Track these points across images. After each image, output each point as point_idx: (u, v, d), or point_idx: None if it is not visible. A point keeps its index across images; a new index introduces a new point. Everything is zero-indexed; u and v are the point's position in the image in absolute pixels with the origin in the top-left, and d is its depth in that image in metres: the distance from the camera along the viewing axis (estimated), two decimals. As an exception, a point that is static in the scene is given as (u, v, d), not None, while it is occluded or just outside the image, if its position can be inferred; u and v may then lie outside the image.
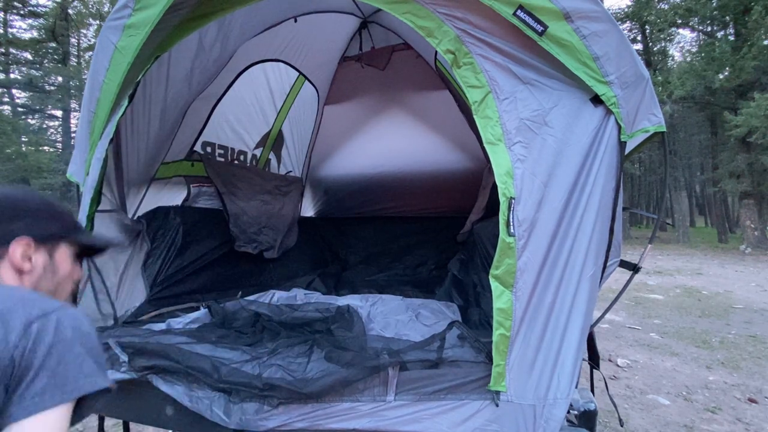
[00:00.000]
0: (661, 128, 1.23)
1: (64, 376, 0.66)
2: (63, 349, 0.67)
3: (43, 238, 0.85)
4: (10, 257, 0.81)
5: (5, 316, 0.66)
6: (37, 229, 0.85)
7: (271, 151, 3.47)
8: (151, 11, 1.43)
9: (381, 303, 2.10)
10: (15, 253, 0.81)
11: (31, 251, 0.83)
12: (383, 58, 3.39)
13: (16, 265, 0.81)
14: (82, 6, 18.08)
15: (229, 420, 1.24)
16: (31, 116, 19.15)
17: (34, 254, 0.83)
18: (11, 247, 0.81)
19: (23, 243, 0.82)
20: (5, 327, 0.64)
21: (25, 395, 0.64)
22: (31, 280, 0.83)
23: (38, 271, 0.84)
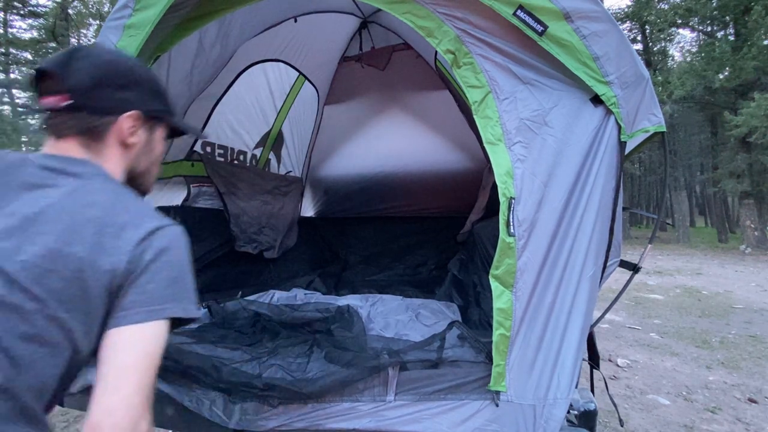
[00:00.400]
0: (661, 128, 1.23)
1: (152, 296, 0.67)
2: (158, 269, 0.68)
3: (149, 114, 0.82)
4: (119, 129, 0.78)
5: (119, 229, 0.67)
6: (145, 104, 0.82)
7: (271, 151, 3.47)
8: (152, 11, 1.43)
9: (381, 303, 2.10)
10: (125, 125, 0.78)
11: (138, 126, 0.80)
12: (383, 58, 3.39)
13: (123, 138, 0.78)
14: (82, 6, 18.09)
15: (229, 420, 1.24)
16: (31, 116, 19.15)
17: (140, 129, 0.81)
18: (123, 119, 0.78)
19: (134, 117, 0.79)
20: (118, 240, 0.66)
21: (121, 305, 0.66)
22: (131, 156, 0.81)
23: (139, 147, 0.82)
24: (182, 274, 0.71)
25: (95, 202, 0.68)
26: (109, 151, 0.78)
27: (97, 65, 0.76)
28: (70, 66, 0.74)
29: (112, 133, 0.78)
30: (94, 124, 0.76)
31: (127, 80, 0.80)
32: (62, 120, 0.75)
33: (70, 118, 0.74)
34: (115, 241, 0.66)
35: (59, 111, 0.74)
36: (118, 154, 0.79)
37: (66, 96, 0.73)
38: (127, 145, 0.80)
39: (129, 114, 0.78)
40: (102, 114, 0.76)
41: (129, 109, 0.78)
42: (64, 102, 0.73)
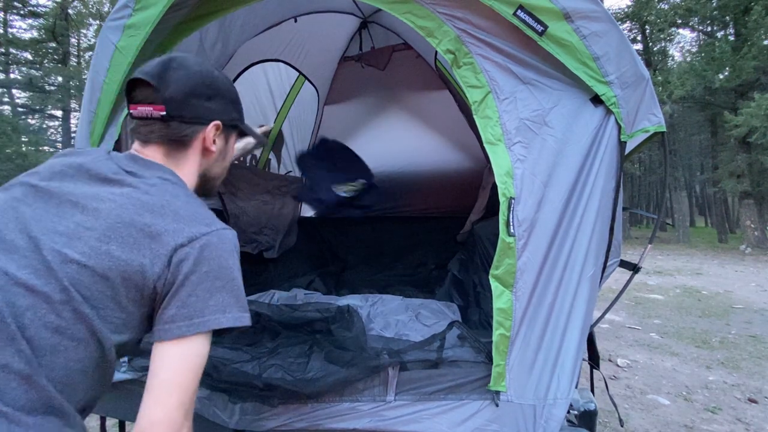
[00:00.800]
0: (661, 128, 1.24)
1: (194, 309, 0.68)
2: (198, 280, 0.69)
3: (227, 123, 0.88)
4: (204, 137, 0.84)
5: (159, 233, 0.68)
6: (227, 113, 0.87)
7: (271, 151, 3.47)
8: (152, 11, 1.43)
9: (381, 303, 2.10)
10: (210, 134, 0.84)
11: (218, 134, 0.86)
12: (383, 58, 3.39)
13: (207, 146, 0.84)
14: (82, 6, 18.09)
15: (229, 420, 1.24)
16: (31, 116, 19.15)
17: (218, 137, 0.87)
18: (209, 129, 0.84)
19: (216, 126, 0.84)
20: (155, 243, 0.67)
21: (164, 318, 0.68)
22: (209, 162, 0.87)
23: (216, 154, 0.88)
24: (226, 282, 0.72)
25: (148, 204, 0.70)
26: (190, 158, 0.84)
27: (189, 77, 0.81)
28: (165, 77, 0.78)
29: (197, 140, 0.83)
30: (183, 134, 0.81)
31: (213, 91, 0.85)
32: (153, 128, 0.79)
33: (162, 127, 0.79)
34: (152, 243, 0.67)
35: (151, 119, 0.78)
36: (197, 161, 0.85)
37: (161, 107, 0.77)
38: (207, 152, 0.86)
39: (215, 123, 0.84)
40: (191, 123, 0.81)
41: (214, 118, 0.84)
42: (160, 112, 0.78)
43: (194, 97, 0.81)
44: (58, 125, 20.09)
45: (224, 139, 0.89)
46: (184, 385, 0.68)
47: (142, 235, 0.67)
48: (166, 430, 0.65)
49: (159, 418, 0.65)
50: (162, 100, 0.77)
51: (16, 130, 14.10)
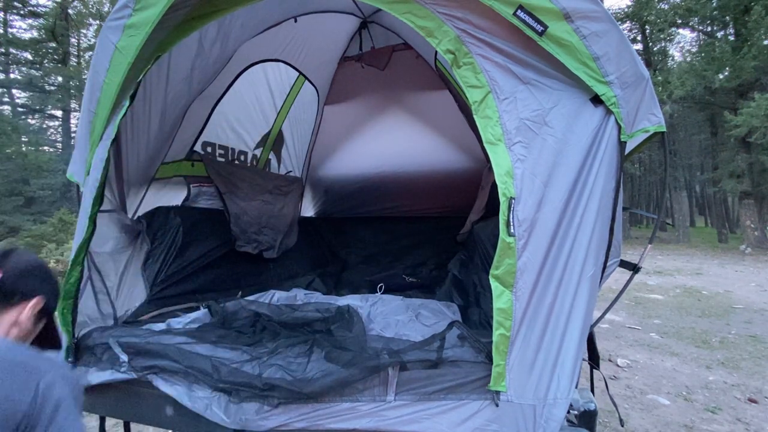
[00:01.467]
0: (661, 128, 1.23)
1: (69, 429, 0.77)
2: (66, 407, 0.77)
3: (45, 307, 0.96)
4: (24, 311, 0.91)
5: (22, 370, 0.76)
6: (50, 299, 0.97)
7: (271, 151, 3.47)
8: (152, 11, 1.43)
9: (381, 303, 2.10)
10: (29, 308, 0.91)
11: (34, 313, 0.93)
12: (383, 58, 3.39)
13: (22, 319, 0.91)
14: (82, 6, 18.08)
15: (229, 420, 1.24)
16: (31, 116, 19.13)
17: (33, 317, 0.93)
18: (32, 303, 0.92)
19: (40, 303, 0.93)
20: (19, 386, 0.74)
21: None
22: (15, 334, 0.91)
23: (24, 331, 0.92)
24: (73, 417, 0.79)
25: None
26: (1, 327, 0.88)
27: (29, 259, 0.96)
28: (7, 255, 0.93)
29: (13, 311, 0.90)
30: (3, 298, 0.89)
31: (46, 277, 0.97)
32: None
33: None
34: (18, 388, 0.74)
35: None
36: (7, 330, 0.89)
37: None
38: (17, 324, 0.90)
39: (39, 297, 0.93)
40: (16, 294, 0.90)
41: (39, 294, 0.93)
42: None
43: (29, 274, 0.94)
44: (58, 125, 20.07)
45: (35, 322, 0.94)
46: None
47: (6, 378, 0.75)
48: None
49: None
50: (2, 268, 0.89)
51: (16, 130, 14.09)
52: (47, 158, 14.89)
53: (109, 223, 1.86)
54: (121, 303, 1.89)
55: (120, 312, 1.85)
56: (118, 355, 1.38)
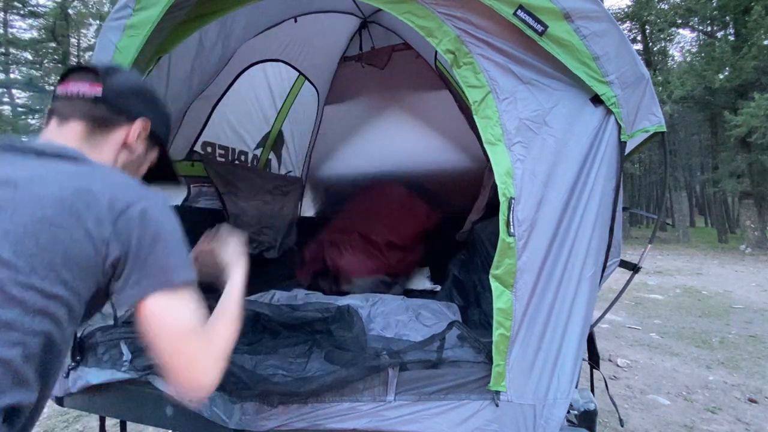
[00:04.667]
0: (661, 128, 1.23)
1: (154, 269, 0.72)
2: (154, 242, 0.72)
3: (154, 134, 0.90)
4: (131, 130, 0.84)
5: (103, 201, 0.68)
6: (157, 125, 0.90)
7: (272, 151, 3.47)
8: (152, 11, 1.43)
9: (381, 303, 2.09)
10: (136, 129, 0.85)
11: (143, 137, 0.87)
12: (383, 58, 3.39)
13: (129, 140, 0.84)
14: (82, 6, 18.09)
15: (229, 420, 1.24)
16: (31, 116, 19.14)
17: (142, 141, 0.87)
18: (138, 122, 0.85)
19: (146, 125, 0.86)
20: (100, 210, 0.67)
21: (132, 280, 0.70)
22: (124, 159, 0.86)
23: (134, 155, 0.87)
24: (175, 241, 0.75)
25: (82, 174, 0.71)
26: (108, 147, 0.82)
27: (134, 80, 0.89)
28: (111, 71, 0.84)
29: (119, 131, 0.83)
30: (108, 117, 0.82)
31: (152, 101, 0.90)
32: (78, 106, 0.79)
33: (90, 107, 0.80)
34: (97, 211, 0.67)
35: (79, 98, 0.79)
36: (114, 152, 0.83)
37: (99, 87, 0.80)
38: (127, 147, 0.85)
39: (144, 119, 0.85)
40: (120, 113, 0.83)
41: (145, 116, 0.86)
42: (94, 92, 0.79)
43: (132, 94, 0.86)
44: (58, 125, 20.07)
45: (145, 147, 0.89)
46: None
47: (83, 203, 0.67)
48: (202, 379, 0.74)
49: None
50: (103, 83, 0.80)
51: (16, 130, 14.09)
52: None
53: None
54: (121, 303, 1.88)
55: (120, 312, 1.85)
56: (120, 354, 1.38)
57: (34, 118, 19.40)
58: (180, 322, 0.73)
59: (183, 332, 0.73)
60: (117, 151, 0.83)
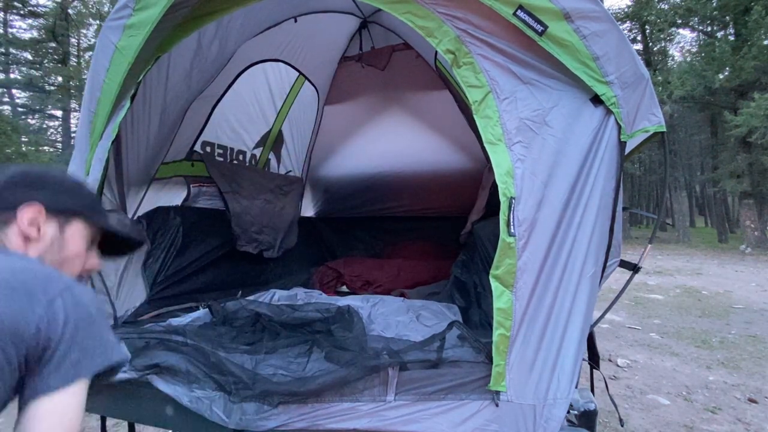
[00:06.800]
0: (661, 128, 1.23)
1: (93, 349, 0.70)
2: (89, 324, 0.70)
3: (56, 210, 0.83)
4: (18, 221, 0.80)
5: (29, 288, 0.66)
6: (52, 201, 0.83)
7: (271, 151, 3.47)
8: (152, 11, 1.43)
9: (382, 304, 2.10)
10: (23, 218, 0.79)
11: (41, 219, 0.81)
12: (383, 58, 3.39)
13: (23, 231, 0.80)
14: (82, 6, 18.08)
15: (229, 420, 1.24)
16: (31, 116, 19.14)
17: (44, 224, 0.82)
18: (21, 211, 0.80)
19: (34, 209, 0.80)
20: (30, 298, 0.65)
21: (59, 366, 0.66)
22: (37, 249, 0.81)
23: (45, 242, 0.82)
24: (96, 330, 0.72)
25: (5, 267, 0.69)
26: (13, 243, 0.80)
27: (11, 172, 0.83)
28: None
29: (13, 226, 0.80)
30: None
31: (34, 182, 0.84)
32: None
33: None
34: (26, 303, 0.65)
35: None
36: (24, 248, 0.80)
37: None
38: (28, 239, 0.81)
39: (28, 205, 0.80)
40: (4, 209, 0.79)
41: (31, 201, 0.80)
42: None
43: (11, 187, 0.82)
44: (58, 125, 20.08)
45: (57, 227, 0.83)
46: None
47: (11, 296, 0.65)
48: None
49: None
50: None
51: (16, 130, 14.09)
52: (47, 158, 14.90)
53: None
54: (121, 303, 1.89)
55: (120, 312, 1.85)
56: (119, 355, 1.38)
57: (34, 118, 19.39)
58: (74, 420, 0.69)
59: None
60: (24, 245, 0.80)
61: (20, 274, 0.69)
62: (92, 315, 0.71)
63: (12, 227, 0.80)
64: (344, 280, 3.16)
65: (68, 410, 0.67)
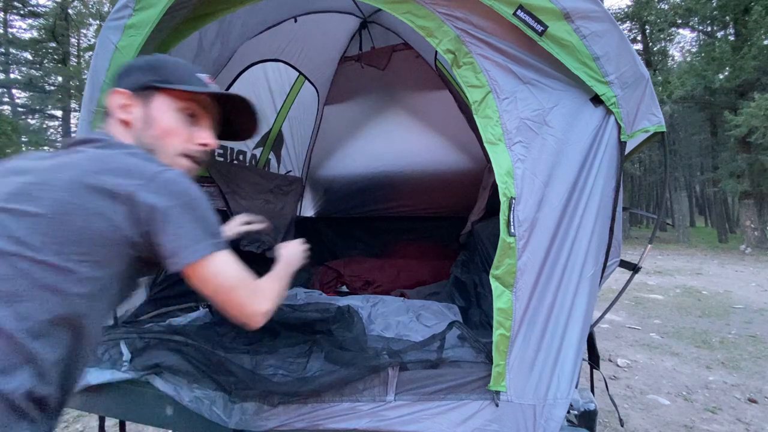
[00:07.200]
0: (662, 128, 1.23)
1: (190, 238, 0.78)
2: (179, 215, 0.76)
3: (139, 89, 0.88)
4: (108, 106, 0.87)
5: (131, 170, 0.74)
6: (134, 82, 0.88)
7: (271, 151, 3.47)
8: (152, 11, 1.43)
9: (382, 304, 2.10)
10: (112, 105, 0.87)
11: (126, 101, 0.87)
12: (383, 58, 3.39)
13: (117, 117, 0.87)
14: (82, 6, 18.08)
15: (229, 420, 1.24)
16: (31, 116, 19.14)
17: (133, 106, 0.87)
18: (110, 99, 0.87)
19: (119, 94, 0.87)
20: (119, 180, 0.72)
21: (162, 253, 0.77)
22: (133, 132, 0.87)
23: (137, 123, 0.87)
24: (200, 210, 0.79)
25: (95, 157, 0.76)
26: (114, 129, 0.87)
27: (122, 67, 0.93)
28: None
29: (110, 111, 0.88)
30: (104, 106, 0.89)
31: (127, 70, 0.91)
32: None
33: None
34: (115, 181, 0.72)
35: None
36: (121, 131, 0.87)
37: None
38: (123, 122, 0.87)
39: (112, 90, 0.88)
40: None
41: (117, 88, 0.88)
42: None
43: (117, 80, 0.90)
44: (58, 125, 20.08)
45: (142, 106, 0.88)
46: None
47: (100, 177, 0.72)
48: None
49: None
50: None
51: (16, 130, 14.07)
52: (47, 158, 14.86)
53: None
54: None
55: (120, 312, 1.85)
56: (120, 354, 1.38)
57: (34, 118, 19.39)
58: (227, 278, 0.82)
59: (232, 286, 0.82)
60: (122, 128, 0.87)
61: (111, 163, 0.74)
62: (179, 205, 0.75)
63: (111, 113, 0.88)
64: (344, 280, 3.16)
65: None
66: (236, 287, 0.82)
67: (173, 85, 0.89)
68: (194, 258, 0.77)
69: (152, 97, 0.88)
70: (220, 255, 0.81)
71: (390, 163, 3.95)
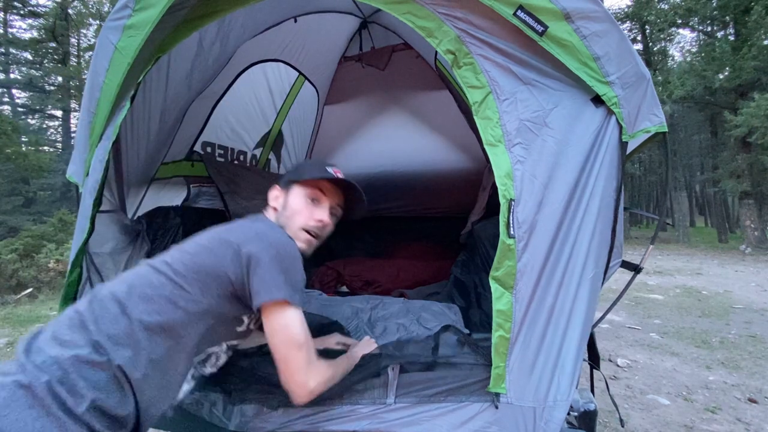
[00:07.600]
0: (663, 128, 1.23)
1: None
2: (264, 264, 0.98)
3: (283, 185, 1.28)
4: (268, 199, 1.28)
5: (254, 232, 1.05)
6: (283, 181, 1.28)
7: (271, 151, 3.46)
8: (152, 12, 1.43)
9: (382, 306, 2.09)
10: (269, 197, 1.28)
11: (277, 193, 1.27)
12: (383, 58, 3.38)
13: (270, 204, 1.27)
14: (82, 6, 18.06)
15: (229, 422, 1.24)
16: (31, 116, 19.13)
17: (280, 197, 1.26)
18: (270, 193, 1.28)
19: (275, 191, 1.28)
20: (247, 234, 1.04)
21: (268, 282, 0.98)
22: (276, 214, 1.23)
23: (279, 208, 1.24)
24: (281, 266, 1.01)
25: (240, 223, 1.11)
26: (268, 213, 1.27)
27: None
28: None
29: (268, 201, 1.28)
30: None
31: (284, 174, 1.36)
32: None
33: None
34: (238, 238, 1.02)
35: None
36: (271, 214, 1.25)
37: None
38: (273, 208, 1.26)
39: (272, 189, 1.29)
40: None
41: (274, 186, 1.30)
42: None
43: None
44: (58, 125, 20.06)
45: (285, 196, 1.24)
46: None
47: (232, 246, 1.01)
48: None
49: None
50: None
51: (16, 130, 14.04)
52: (47, 158, 14.86)
53: (109, 223, 1.86)
54: (120, 304, 1.88)
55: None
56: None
57: (34, 118, 19.38)
58: (295, 335, 0.98)
59: (297, 344, 0.98)
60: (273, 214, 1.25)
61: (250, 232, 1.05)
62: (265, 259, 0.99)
63: (269, 204, 1.28)
64: (344, 280, 3.15)
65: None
66: (299, 348, 0.97)
67: (302, 177, 1.23)
68: (270, 298, 0.96)
69: (291, 188, 1.24)
70: (295, 310, 0.99)
71: (390, 163, 3.95)
